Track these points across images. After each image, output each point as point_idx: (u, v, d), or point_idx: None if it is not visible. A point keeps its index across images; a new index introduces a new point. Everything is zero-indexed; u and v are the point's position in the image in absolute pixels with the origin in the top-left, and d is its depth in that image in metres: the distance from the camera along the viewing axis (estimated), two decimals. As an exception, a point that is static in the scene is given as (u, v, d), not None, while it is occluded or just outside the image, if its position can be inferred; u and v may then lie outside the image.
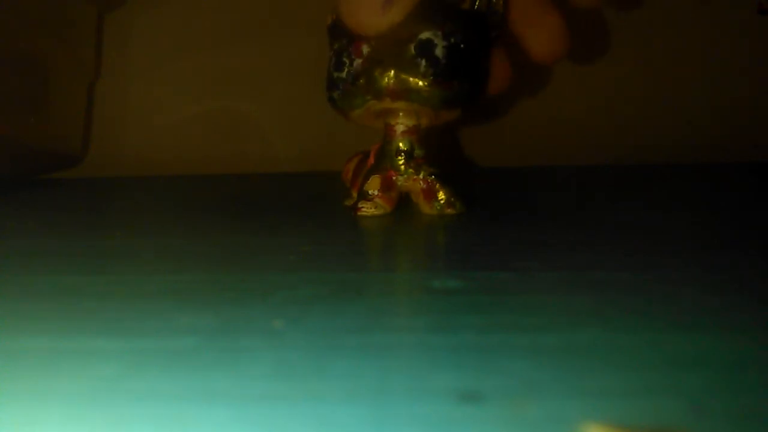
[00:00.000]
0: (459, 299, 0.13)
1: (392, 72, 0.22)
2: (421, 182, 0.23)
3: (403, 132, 0.23)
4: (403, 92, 0.22)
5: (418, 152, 0.23)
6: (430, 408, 0.09)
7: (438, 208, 0.23)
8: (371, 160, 0.24)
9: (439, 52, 0.22)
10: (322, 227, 0.23)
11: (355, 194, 0.25)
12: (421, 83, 0.22)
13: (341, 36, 0.23)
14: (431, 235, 0.21)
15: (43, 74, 0.35)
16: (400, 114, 0.23)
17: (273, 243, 0.20)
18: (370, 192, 0.23)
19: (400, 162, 0.23)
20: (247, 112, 0.40)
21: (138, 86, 0.40)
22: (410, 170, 0.23)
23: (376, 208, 0.23)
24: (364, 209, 0.23)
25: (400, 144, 0.23)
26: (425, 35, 0.22)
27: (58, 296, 0.14)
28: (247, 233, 0.22)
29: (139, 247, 0.20)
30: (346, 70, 0.22)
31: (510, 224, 0.22)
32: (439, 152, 0.24)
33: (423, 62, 0.22)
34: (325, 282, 0.15)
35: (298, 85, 0.25)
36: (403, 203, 0.24)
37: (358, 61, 0.22)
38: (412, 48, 0.22)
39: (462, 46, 0.22)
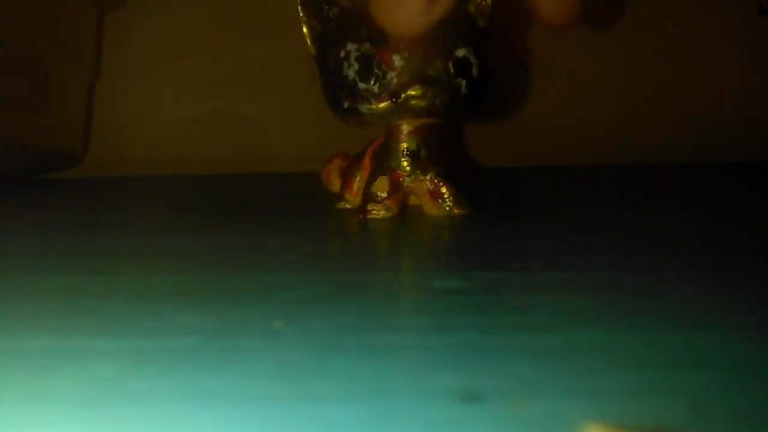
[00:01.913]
0: (459, 299, 0.13)
1: (438, 92, 0.21)
2: (427, 183, 0.23)
3: (410, 132, 0.23)
4: (443, 112, 0.22)
5: (424, 152, 0.23)
6: (430, 408, 0.09)
7: (446, 208, 0.23)
8: (367, 161, 0.24)
9: (475, 71, 0.22)
10: (322, 227, 0.23)
11: (350, 197, 0.25)
12: (462, 103, 0.22)
13: (359, 38, 0.21)
14: (431, 235, 0.21)
15: (43, 74, 0.35)
16: None
17: (273, 243, 0.20)
18: (379, 194, 0.23)
19: (406, 163, 0.23)
20: (247, 112, 0.40)
21: (138, 86, 0.40)
22: (417, 171, 0.23)
23: (386, 210, 0.23)
24: (374, 212, 0.22)
25: (408, 144, 0.23)
26: (461, 53, 0.21)
27: (58, 296, 0.14)
28: (247, 233, 0.22)
29: (139, 247, 0.20)
30: (378, 83, 0.21)
31: (510, 224, 0.22)
32: (442, 152, 0.24)
33: (464, 83, 0.21)
34: (325, 282, 0.15)
35: (298, 85, 0.25)
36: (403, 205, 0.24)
37: (391, 74, 0.21)
38: (450, 66, 0.21)
39: (486, 61, 0.22)
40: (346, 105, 0.22)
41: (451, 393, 0.09)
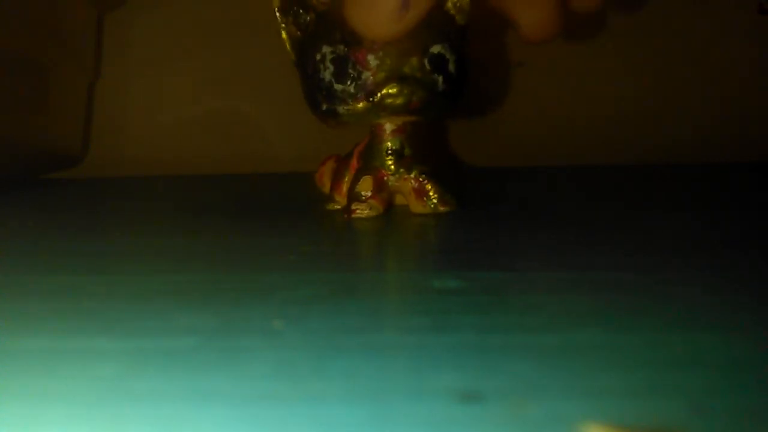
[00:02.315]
0: (459, 299, 0.13)
1: (414, 89, 0.21)
2: (412, 181, 0.23)
3: (393, 131, 0.23)
4: (421, 109, 0.22)
5: (407, 151, 0.23)
6: (430, 408, 0.09)
7: (431, 206, 0.23)
8: (354, 162, 0.24)
9: (451, 67, 0.22)
10: (321, 227, 0.23)
11: (338, 198, 0.25)
12: (440, 100, 0.22)
13: (334, 41, 0.22)
14: (431, 236, 0.21)
15: (43, 74, 0.35)
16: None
17: (273, 243, 0.20)
18: (363, 193, 0.23)
19: (390, 162, 0.23)
20: (247, 112, 0.40)
21: (138, 86, 0.40)
22: (401, 170, 0.23)
23: (370, 209, 0.23)
24: (358, 211, 0.23)
25: (391, 143, 0.23)
26: (436, 49, 0.21)
27: (58, 296, 0.14)
28: (247, 233, 0.22)
29: (139, 247, 0.20)
30: (353, 83, 0.21)
31: (510, 224, 0.22)
32: (429, 151, 0.24)
33: (440, 78, 0.22)
34: (325, 282, 0.15)
35: (298, 85, 0.25)
36: (388, 205, 0.24)
37: (366, 74, 0.21)
38: (426, 63, 0.21)
39: (464, 57, 0.22)
40: (324, 107, 0.22)
41: (451, 393, 0.09)
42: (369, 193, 0.23)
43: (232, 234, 0.22)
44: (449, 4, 0.23)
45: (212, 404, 0.09)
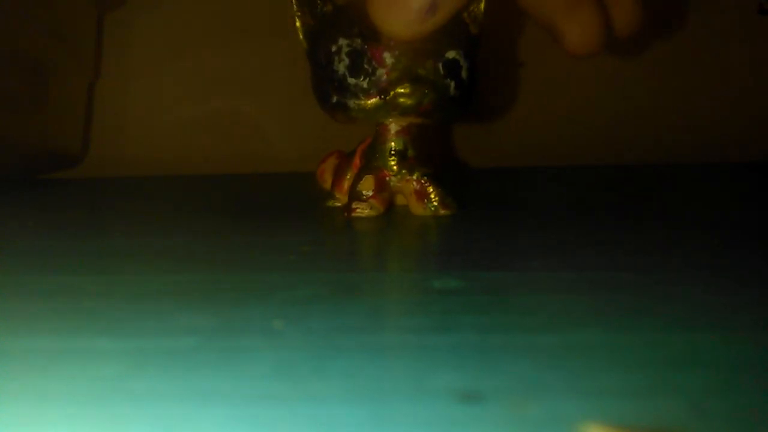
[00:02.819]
0: (459, 299, 0.13)
1: (427, 92, 0.21)
2: (414, 183, 0.23)
3: (398, 132, 0.23)
4: (431, 112, 0.22)
5: (411, 152, 0.23)
6: (430, 408, 0.09)
7: (432, 208, 0.23)
8: (357, 160, 0.24)
9: (464, 74, 0.22)
10: (321, 227, 0.23)
11: (339, 195, 0.25)
12: (449, 105, 0.22)
13: (351, 34, 0.22)
14: (431, 236, 0.21)
15: (43, 74, 0.35)
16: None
17: (273, 243, 0.20)
18: (364, 192, 0.23)
19: (393, 162, 0.23)
20: (247, 112, 0.40)
21: (138, 86, 0.40)
22: (404, 171, 0.23)
23: (371, 208, 0.23)
24: (358, 210, 0.23)
25: (394, 144, 0.23)
26: (451, 54, 0.22)
27: (58, 296, 0.14)
28: (247, 233, 0.22)
29: (139, 247, 0.20)
30: (367, 79, 0.21)
31: (510, 224, 0.22)
32: (433, 154, 0.24)
33: (452, 84, 0.22)
34: (325, 282, 0.15)
35: (298, 85, 0.25)
36: (389, 205, 0.24)
37: (381, 71, 0.21)
38: (440, 67, 0.21)
39: (475, 65, 0.22)
40: (334, 100, 0.22)
41: (451, 393, 0.09)
42: (370, 193, 0.23)
43: (232, 234, 0.22)
44: (464, 13, 0.23)
45: (212, 404, 0.09)
